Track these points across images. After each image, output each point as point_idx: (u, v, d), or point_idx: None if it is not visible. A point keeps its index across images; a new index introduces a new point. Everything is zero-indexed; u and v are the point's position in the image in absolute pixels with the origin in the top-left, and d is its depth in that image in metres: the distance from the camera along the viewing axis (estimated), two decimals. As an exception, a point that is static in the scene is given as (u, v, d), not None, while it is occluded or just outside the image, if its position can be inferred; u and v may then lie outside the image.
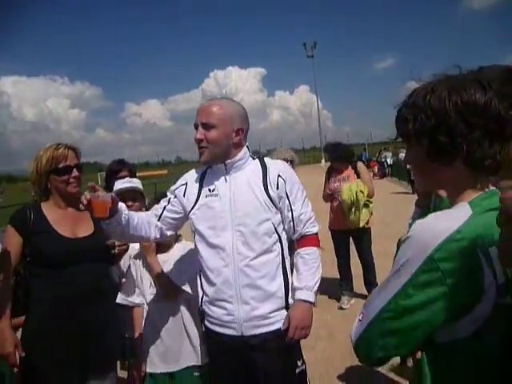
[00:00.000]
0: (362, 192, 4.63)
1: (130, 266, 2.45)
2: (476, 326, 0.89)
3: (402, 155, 24.13)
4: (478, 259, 0.88)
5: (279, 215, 1.91)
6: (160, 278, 2.30)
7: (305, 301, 1.90)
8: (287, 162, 5.11)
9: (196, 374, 2.36)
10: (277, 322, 1.88)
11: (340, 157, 4.87)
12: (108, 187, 3.03)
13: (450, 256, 0.88)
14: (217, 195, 1.89)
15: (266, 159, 2.02)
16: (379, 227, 5.19)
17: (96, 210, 1.76)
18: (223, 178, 1.92)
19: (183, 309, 2.34)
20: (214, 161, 1.91)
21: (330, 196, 4.93)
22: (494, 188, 1.00)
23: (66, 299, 2.07)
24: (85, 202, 1.74)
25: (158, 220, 2.02)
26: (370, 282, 4.83)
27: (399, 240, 0.99)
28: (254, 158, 2.00)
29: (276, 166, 1.97)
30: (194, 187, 1.98)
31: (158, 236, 2.03)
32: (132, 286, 2.40)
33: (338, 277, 5.09)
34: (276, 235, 1.90)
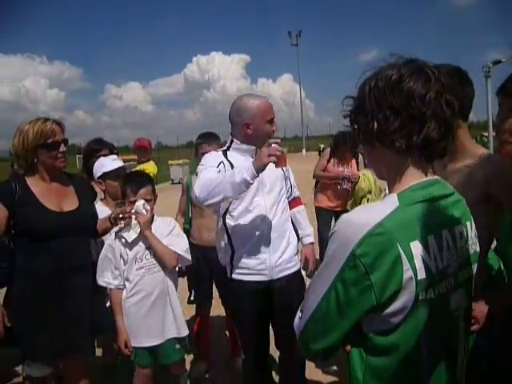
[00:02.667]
0: (376, 180, 4.78)
1: (106, 248, 2.47)
2: (399, 318, 0.92)
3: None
4: (398, 254, 0.89)
5: (284, 182, 2.44)
6: (161, 248, 2.40)
7: (311, 243, 2.67)
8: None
9: (177, 346, 2.49)
10: (295, 264, 2.40)
11: (351, 144, 4.83)
12: (86, 168, 3.02)
13: (372, 251, 0.89)
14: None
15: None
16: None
17: (283, 161, 2.02)
18: (249, 156, 2.26)
19: (168, 280, 2.47)
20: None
21: (333, 178, 4.92)
22: (435, 177, 1.02)
23: (49, 272, 2.12)
24: (277, 153, 1.98)
25: None
26: None
27: (330, 234, 1.00)
28: None
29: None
30: (227, 165, 2.27)
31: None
32: (108, 266, 2.42)
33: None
34: (286, 198, 2.44)
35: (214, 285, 3.31)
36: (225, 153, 2.33)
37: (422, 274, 0.91)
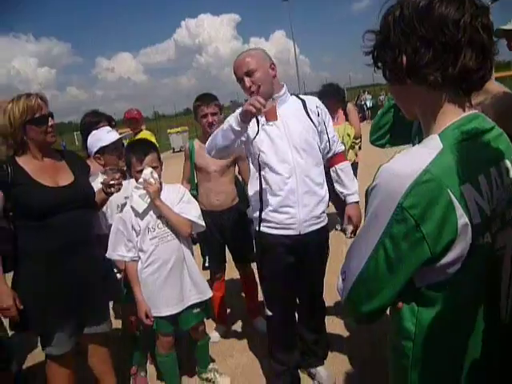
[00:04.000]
0: (348, 135, 4.78)
1: (117, 221, 2.43)
2: (455, 268, 0.87)
3: (382, 98, 24.13)
4: (449, 200, 0.82)
5: (319, 136, 2.34)
6: (174, 216, 2.36)
7: (356, 202, 2.50)
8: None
9: (196, 310, 2.48)
10: (324, 220, 2.38)
11: (334, 96, 4.83)
12: (85, 143, 2.91)
13: (420, 201, 0.82)
14: (272, 125, 2.21)
15: (300, 95, 2.44)
16: (362, 168, 5.25)
17: (271, 114, 1.99)
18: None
19: (183, 247, 2.43)
20: (268, 97, 2.16)
21: None
22: (474, 112, 0.94)
23: (55, 250, 2.08)
24: (258, 106, 1.92)
25: None
26: None
27: (367, 190, 0.93)
28: (291, 95, 2.38)
29: (312, 100, 2.41)
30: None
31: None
32: (121, 239, 2.38)
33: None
34: (320, 152, 2.35)
35: (226, 249, 3.28)
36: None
37: (477, 219, 0.85)
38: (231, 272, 3.62)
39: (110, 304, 2.62)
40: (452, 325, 0.93)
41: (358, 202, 2.50)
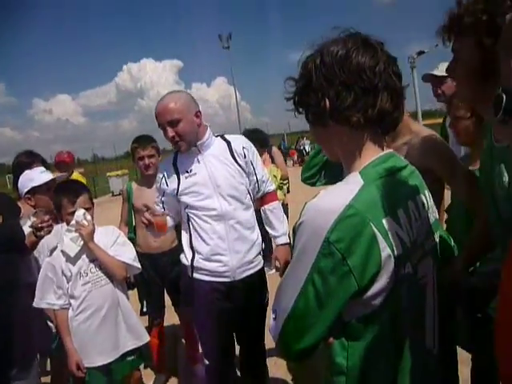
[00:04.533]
0: (275, 176, 5.01)
1: (45, 267, 2.30)
2: (380, 300, 0.89)
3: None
4: (372, 233, 0.86)
5: (247, 178, 2.29)
6: (108, 259, 2.27)
7: (284, 244, 2.43)
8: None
9: (130, 357, 2.36)
10: (258, 263, 2.32)
11: (258, 142, 5.00)
12: (17, 185, 2.78)
13: (345, 235, 0.85)
14: (196, 174, 2.19)
15: (226, 136, 2.35)
16: (293, 208, 5.45)
17: (158, 228, 2.11)
18: (196, 158, 2.21)
19: (118, 291, 2.34)
20: (190, 147, 2.18)
21: None
22: (390, 151, 1.01)
23: None
24: (146, 222, 2.10)
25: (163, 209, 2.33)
26: None
27: (293, 227, 0.95)
28: (216, 136, 2.32)
29: (239, 140, 2.35)
30: (172, 174, 2.25)
31: (175, 222, 2.40)
32: (50, 286, 2.25)
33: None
34: (249, 194, 2.30)
35: (165, 292, 3.19)
36: (175, 156, 2.29)
37: (398, 250, 0.89)
38: (170, 317, 3.50)
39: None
40: (382, 356, 0.94)
41: (287, 244, 2.43)
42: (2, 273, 2.05)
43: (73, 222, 2.22)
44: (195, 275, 2.23)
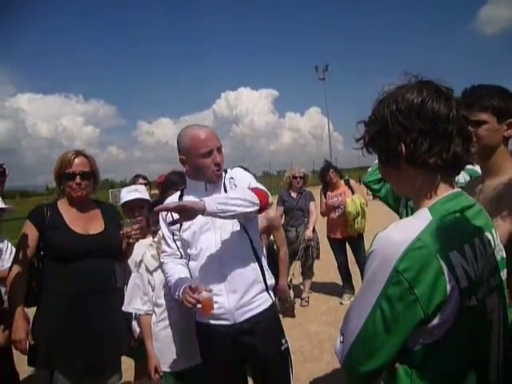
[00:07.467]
0: (363, 204, 5.31)
1: (134, 275, 2.47)
2: (444, 330, 0.92)
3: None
4: (439, 266, 0.89)
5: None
6: None
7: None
8: (299, 178, 5.40)
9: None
10: (262, 304, 2.07)
11: (335, 168, 5.62)
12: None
13: (413, 265, 0.89)
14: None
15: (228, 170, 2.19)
16: (369, 237, 5.29)
17: (206, 309, 1.90)
18: (201, 193, 2.01)
19: None
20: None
21: (328, 210, 5.55)
22: (458, 190, 1.04)
23: (76, 293, 2.16)
24: (194, 302, 1.88)
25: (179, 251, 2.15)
26: None
27: (364, 256, 1.01)
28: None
29: (228, 173, 2.17)
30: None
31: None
32: (138, 293, 2.41)
33: (341, 284, 5.69)
34: (243, 228, 2.06)
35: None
36: (182, 192, 2.17)
37: (464, 283, 0.92)
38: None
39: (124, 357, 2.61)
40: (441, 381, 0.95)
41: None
42: (98, 276, 2.24)
43: (155, 239, 2.37)
44: (197, 318, 2.13)
